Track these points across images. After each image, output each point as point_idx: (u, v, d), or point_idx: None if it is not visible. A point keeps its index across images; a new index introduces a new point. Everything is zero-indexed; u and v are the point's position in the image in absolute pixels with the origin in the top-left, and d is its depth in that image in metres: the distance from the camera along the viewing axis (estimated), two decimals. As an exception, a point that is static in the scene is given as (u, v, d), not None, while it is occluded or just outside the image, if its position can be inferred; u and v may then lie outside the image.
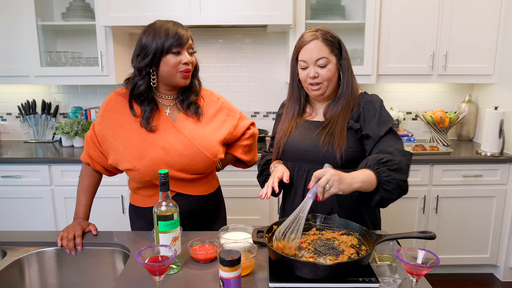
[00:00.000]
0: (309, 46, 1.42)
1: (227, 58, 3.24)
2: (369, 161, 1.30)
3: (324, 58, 1.41)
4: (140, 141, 1.46)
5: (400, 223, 2.83)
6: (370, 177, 1.24)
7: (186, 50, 1.46)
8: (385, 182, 1.26)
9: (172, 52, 1.43)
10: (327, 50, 1.42)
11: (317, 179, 1.17)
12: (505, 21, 2.82)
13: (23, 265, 1.39)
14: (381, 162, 1.28)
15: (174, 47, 1.42)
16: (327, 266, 1.04)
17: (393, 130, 1.43)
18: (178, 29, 1.44)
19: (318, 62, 1.42)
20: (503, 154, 2.76)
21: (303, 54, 1.44)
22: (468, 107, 3.17)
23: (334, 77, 1.46)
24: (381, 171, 1.26)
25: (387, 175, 1.26)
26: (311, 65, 1.43)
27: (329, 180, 1.15)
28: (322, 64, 1.42)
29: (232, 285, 1.03)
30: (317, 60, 1.41)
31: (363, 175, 1.23)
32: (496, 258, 2.89)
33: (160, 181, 1.19)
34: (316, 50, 1.41)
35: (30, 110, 3.19)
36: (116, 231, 1.55)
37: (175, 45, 1.42)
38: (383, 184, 1.26)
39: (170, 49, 1.42)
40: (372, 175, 1.25)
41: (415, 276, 1.02)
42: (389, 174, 1.26)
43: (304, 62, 1.44)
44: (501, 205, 2.81)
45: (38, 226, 2.80)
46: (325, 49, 1.42)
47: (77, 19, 2.87)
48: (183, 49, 1.44)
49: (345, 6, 2.96)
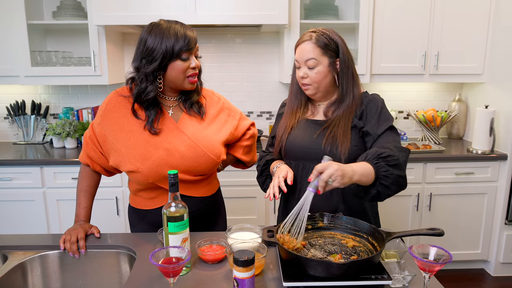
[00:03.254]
0: (301, 46, 1.45)
1: (220, 57, 3.23)
2: (368, 155, 1.31)
3: (313, 60, 1.42)
4: (143, 142, 1.43)
5: (394, 220, 2.87)
6: (368, 171, 1.26)
7: (194, 54, 1.43)
8: (382, 177, 1.28)
9: (181, 58, 1.39)
10: (319, 51, 1.42)
11: (319, 172, 1.18)
12: (494, 22, 2.89)
13: (26, 269, 1.36)
14: (381, 157, 1.29)
15: (184, 53, 1.38)
16: (341, 264, 1.04)
17: (393, 128, 1.45)
18: (186, 32, 1.38)
19: (307, 63, 1.43)
20: (493, 151, 2.82)
21: (296, 54, 1.47)
22: (458, 106, 3.23)
23: (325, 80, 1.46)
24: (380, 165, 1.28)
25: (385, 170, 1.27)
26: (302, 66, 1.45)
27: (332, 175, 1.16)
28: (311, 65, 1.43)
29: (246, 285, 1.03)
30: (306, 61, 1.43)
31: (362, 168, 1.25)
32: (487, 253, 2.96)
33: (170, 182, 1.17)
34: (306, 51, 1.43)
35: (20, 111, 3.12)
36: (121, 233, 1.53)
37: (185, 50, 1.37)
38: (380, 179, 1.28)
39: (179, 54, 1.37)
40: (370, 169, 1.26)
41: (428, 273, 1.04)
42: (388, 169, 1.28)
43: (297, 61, 1.47)
44: (492, 201, 2.87)
45: (30, 229, 2.75)
46: (316, 50, 1.42)
47: (68, 18, 2.82)
48: (192, 54, 1.41)
49: (338, 6, 2.98)
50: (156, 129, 1.44)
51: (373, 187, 1.30)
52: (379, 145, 1.38)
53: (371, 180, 1.27)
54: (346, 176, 1.18)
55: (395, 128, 1.45)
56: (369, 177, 1.26)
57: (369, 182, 1.27)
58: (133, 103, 1.44)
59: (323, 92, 1.50)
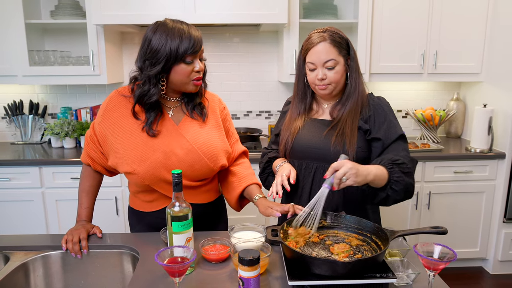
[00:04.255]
0: (317, 48, 1.41)
1: (219, 57, 3.22)
2: (383, 160, 1.35)
3: (332, 60, 1.41)
4: (141, 144, 1.41)
5: (393, 219, 2.88)
6: (383, 174, 1.30)
7: (199, 57, 1.40)
8: (394, 181, 1.32)
9: (185, 62, 1.35)
10: (335, 51, 1.42)
11: (334, 170, 1.22)
12: (492, 21, 2.90)
13: (28, 270, 1.36)
14: (396, 163, 1.33)
15: (188, 56, 1.34)
16: (346, 263, 1.05)
17: (404, 136, 1.46)
18: (192, 33, 1.34)
19: (326, 64, 1.42)
20: (492, 150, 2.83)
21: (311, 56, 1.43)
22: (456, 104, 3.24)
23: (342, 78, 1.46)
24: (393, 171, 1.32)
25: (398, 176, 1.32)
26: (319, 67, 1.43)
27: (347, 173, 1.20)
28: (330, 66, 1.42)
29: (252, 284, 1.03)
30: (325, 62, 1.41)
31: (377, 170, 1.29)
32: (486, 251, 2.98)
33: (174, 181, 1.17)
34: (324, 52, 1.41)
35: (17, 110, 3.10)
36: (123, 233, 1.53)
37: (190, 53, 1.33)
38: (392, 183, 1.32)
39: (184, 57, 1.34)
40: (385, 172, 1.30)
41: (432, 271, 1.04)
42: (400, 175, 1.32)
43: (312, 64, 1.43)
44: (490, 200, 2.89)
45: (29, 229, 2.73)
46: (333, 50, 1.41)
47: (66, 18, 2.81)
48: (196, 57, 1.38)
49: (337, 5, 2.98)
50: (154, 131, 1.42)
51: (383, 190, 1.34)
52: (392, 152, 1.41)
53: (384, 183, 1.32)
54: (360, 175, 1.22)
55: (405, 137, 1.47)
56: (382, 179, 1.30)
57: (381, 184, 1.32)
58: (134, 104, 1.42)
59: (337, 91, 1.50)
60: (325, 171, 1.47)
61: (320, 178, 1.49)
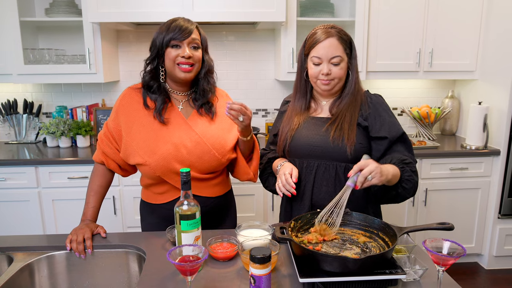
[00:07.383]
0: (324, 43, 1.43)
1: (216, 55, 3.17)
2: (393, 159, 1.40)
3: (338, 57, 1.44)
4: (153, 136, 1.47)
5: (390, 216, 2.90)
6: (397, 173, 1.35)
7: (187, 44, 1.46)
8: (405, 180, 1.37)
9: (171, 46, 1.45)
10: (341, 48, 1.44)
11: (359, 169, 1.24)
12: (487, 20, 2.93)
13: (33, 270, 1.34)
14: (405, 163, 1.39)
15: (173, 40, 1.44)
16: (357, 259, 1.05)
17: (405, 135, 1.50)
18: (182, 23, 1.46)
19: (332, 60, 1.44)
20: (487, 147, 2.87)
21: (318, 51, 1.44)
22: (451, 102, 3.28)
23: (345, 75, 1.49)
24: (405, 170, 1.37)
25: (409, 175, 1.37)
26: (325, 62, 1.44)
27: (372, 171, 1.23)
28: (336, 62, 1.44)
29: (263, 282, 1.03)
30: (332, 58, 1.43)
31: (393, 169, 1.33)
32: (481, 247, 3.02)
33: (182, 179, 1.17)
34: (332, 48, 1.43)
35: (11, 110, 3.06)
36: (128, 232, 1.52)
37: (174, 38, 1.44)
38: (403, 181, 1.37)
39: (169, 42, 1.44)
40: (398, 171, 1.35)
41: (442, 266, 1.05)
42: (411, 174, 1.38)
43: (318, 58, 1.45)
44: (485, 196, 2.93)
45: (25, 229, 2.69)
46: (340, 47, 1.44)
47: (61, 15, 2.77)
48: (183, 43, 1.45)
49: (334, 3, 2.99)
50: (163, 118, 1.48)
51: (393, 189, 1.39)
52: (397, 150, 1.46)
53: (396, 181, 1.36)
54: (383, 174, 1.26)
55: (406, 135, 1.51)
56: (396, 178, 1.36)
57: (394, 183, 1.36)
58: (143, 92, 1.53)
59: (338, 88, 1.52)
60: (327, 169, 1.49)
61: (322, 176, 1.50)
